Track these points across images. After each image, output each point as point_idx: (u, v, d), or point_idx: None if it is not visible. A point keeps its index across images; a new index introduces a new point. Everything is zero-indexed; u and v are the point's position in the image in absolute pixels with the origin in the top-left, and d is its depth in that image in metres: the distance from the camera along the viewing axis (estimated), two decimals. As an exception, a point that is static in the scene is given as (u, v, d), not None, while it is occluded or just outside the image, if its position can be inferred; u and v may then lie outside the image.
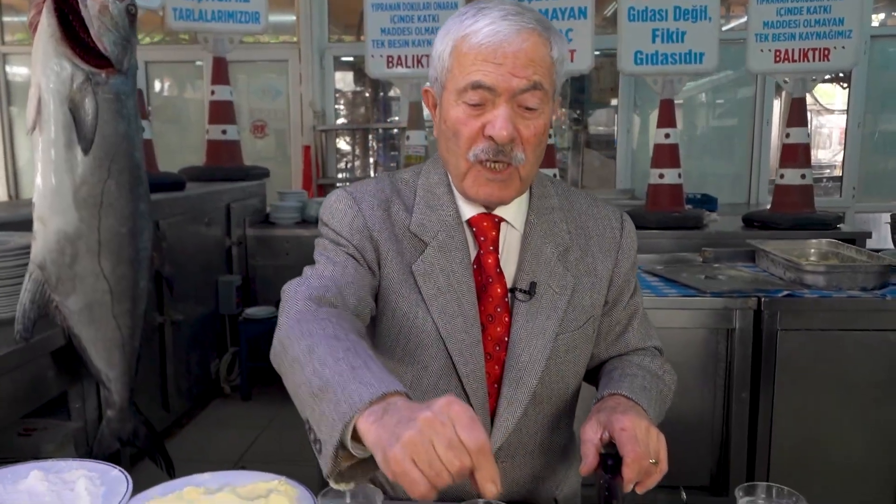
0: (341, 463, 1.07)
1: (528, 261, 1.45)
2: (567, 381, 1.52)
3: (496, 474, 0.95)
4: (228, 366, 4.43)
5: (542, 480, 1.56)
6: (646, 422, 1.32)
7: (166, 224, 3.67)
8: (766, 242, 3.67)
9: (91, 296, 2.34)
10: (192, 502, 1.36)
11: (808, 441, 3.07)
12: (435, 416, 0.95)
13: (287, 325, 1.22)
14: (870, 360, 3.04)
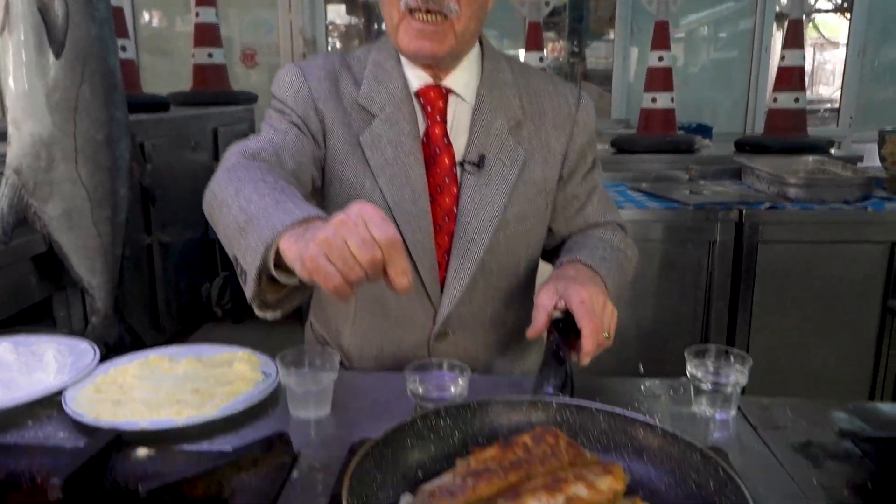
0: (266, 290, 1.09)
1: (478, 133, 1.45)
2: (517, 256, 1.54)
3: (407, 268, 0.97)
4: (220, 290, 4.47)
5: (498, 355, 1.59)
6: (603, 296, 1.34)
7: (151, 145, 3.66)
8: (753, 159, 3.66)
9: (69, 202, 2.35)
10: (157, 369, 1.39)
11: (784, 348, 3.11)
12: (348, 217, 0.96)
13: (218, 176, 1.24)
14: (849, 273, 3.06)
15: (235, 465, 1.09)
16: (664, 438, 0.99)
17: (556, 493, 0.90)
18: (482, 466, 0.96)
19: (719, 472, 0.89)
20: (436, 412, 1.06)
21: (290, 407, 1.30)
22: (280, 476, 1.10)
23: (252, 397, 1.29)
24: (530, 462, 0.97)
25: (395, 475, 0.98)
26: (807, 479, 1.11)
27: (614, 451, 1.03)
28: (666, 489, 0.95)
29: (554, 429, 1.03)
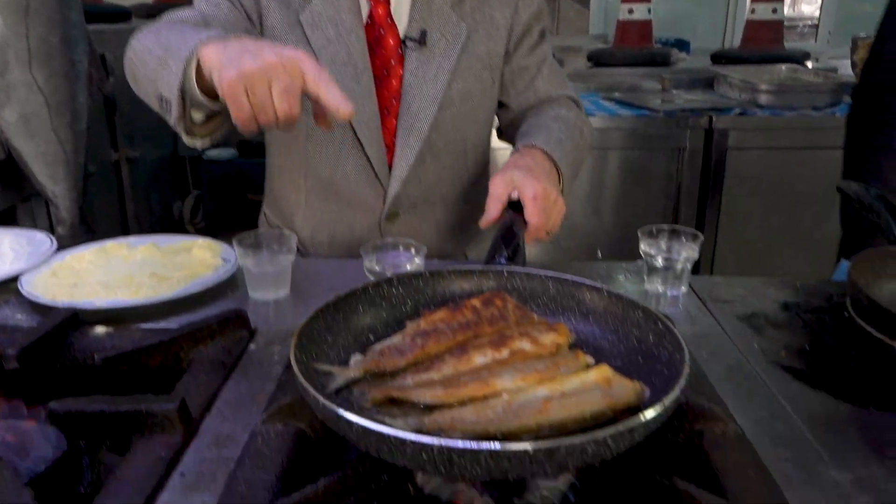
0: (190, 114, 1.11)
1: (419, 9, 1.43)
2: (465, 134, 1.54)
3: (343, 96, 1.00)
4: (192, 209, 4.44)
5: (451, 237, 1.61)
6: (555, 192, 1.34)
7: (113, 57, 3.55)
8: (726, 67, 3.64)
9: (26, 107, 2.30)
10: (114, 256, 1.39)
11: (750, 256, 3.17)
12: (281, 60, 0.96)
13: (138, 35, 1.25)
14: (815, 178, 3.09)
15: (192, 338, 1.11)
16: (609, 300, 1.02)
17: (501, 348, 0.93)
18: (431, 327, 0.98)
19: (658, 325, 0.92)
20: (388, 280, 1.07)
21: (249, 288, 1.31)
22: (237, 348, 1.12)
23: (210, 280, 1.30)
24: (478, 323, 0.99)
25: (345, 337, 1.00)
26: (748, 344, 1.15)
27: (562, 315, 1.06)
28: (609, 346, 0.98)
29: (502, 293, 1.05)
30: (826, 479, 0.83)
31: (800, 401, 0.99)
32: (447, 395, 0.85)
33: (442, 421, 0.80)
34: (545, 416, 0.78)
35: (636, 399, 0.81)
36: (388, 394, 0.87)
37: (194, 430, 0.92)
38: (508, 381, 0.85)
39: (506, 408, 0.80)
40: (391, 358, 0.94)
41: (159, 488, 0.82)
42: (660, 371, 0.88)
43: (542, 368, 0.88)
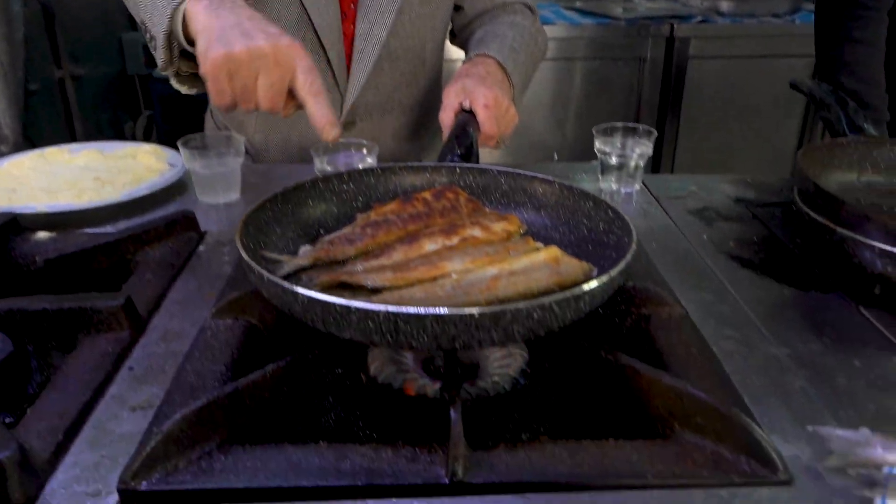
0: (176, 59, 1.05)
1: None
2: (423, 38, 1.49)
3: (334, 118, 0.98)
4: (145, 129, 4.30)
5: (406, 141, 1.59)
6: (507, 100, 1.32)
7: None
8: (688, -26, 3.57)
9: (-44, 16, 2.17)
10: (55, 162, 1.34)
11: (710, 162, 3.19)
12: (274, 53, 0.93)
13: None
14: (775, 86, 3.10)
15: (139, 240, 1.09)
16: (561, 192, 1.01)
17: (452, 236, 0.92)
18: (382, 218, 0.97)
19: (608, 213, 0.92)
20: (338, 175, 1.05)
21: (198, 191, 1.28)
22: (186, 249, 1.10)
23: (157, 184, 1.26)
24: (430, 215, 0.98)
25: (293, 229, 0.98)
26: (698, 236, 1.16)
27: (514, 209, 1.05)
28: (560, 236, 0.98)
29: (454, 186, 1.04)
30: (766, 354, 0.85)
31: (746, 286, 1.01)
32: (397, 279, 0.85)
33: (390, 300, 0.80)
34: (493, 293, 0.79)
35: (584, 277, 0.81)
36: (337, 279, 0.86)
37: (142, 328, 0.91)
38: (458, 264, 0.85)
39: (454, 286, 0.80)
40: (341, 247, 0.93)
41: (107, 382, 0.81)
42: (609, 255, 0.89)
43: (491, 252, 0.87)
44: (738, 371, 0.82)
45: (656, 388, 0.73)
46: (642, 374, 0.74)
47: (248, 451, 0.69)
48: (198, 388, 0.77)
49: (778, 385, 0.80)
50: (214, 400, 0.70)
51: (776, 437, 0.72)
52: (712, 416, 0.69)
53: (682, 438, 0.70)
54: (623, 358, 0.76)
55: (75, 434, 0.73)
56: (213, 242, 1.14)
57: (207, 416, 0.69)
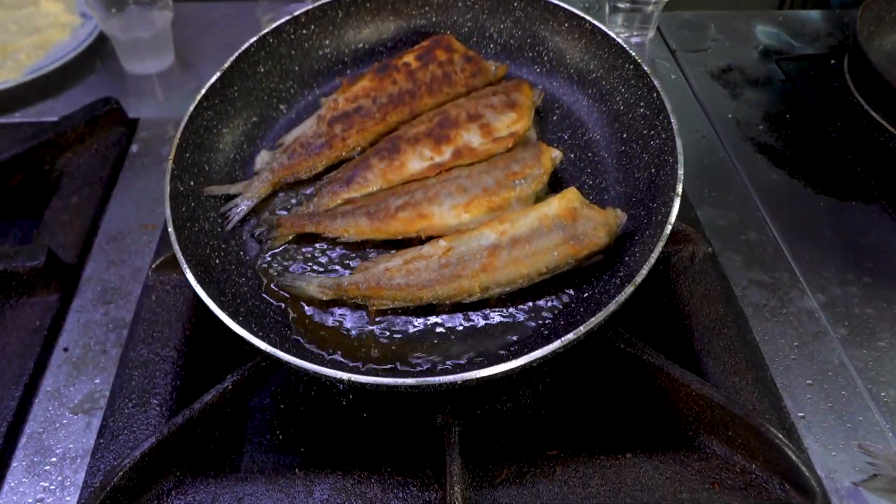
0: None
1: None
2: None
3: None
4: None
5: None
6: None
7: None
8: None
9: None
10: (-64, 17, 1.08)
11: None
12: None
13: None
14: None
15: (56, 145, 0.89)
16: (592, 36, 0.77)
17: (443, 146, 0.73)
18: (352, 106, 0.77)
19: (653, 96, 0.71)
20: (293, 20, 0.81)
21: (123, 61, 1.05)
22: (114, 152, 0.92)
23: (68, 49, 1.02)
24: (415, 93, 0.78)
25: (245, 121, 0.79)
26: (723, 115, 0.99)
27: (529, 51, 0.83)
28: (588, 105, 0.77)
29: (447, 38, 0.81)
30: (799, 309, 0.75)
31: (776, 195, 0.87)
32: (373, 231, 0.70)
33: (365, 284, 0.65)
34: (490, 275, 0.64)
35: (606, 238, 0.65)
36: (302, 228, 0.71)
37: (73, 285, 0.77)
38: (447, 210, 0.69)
39: (443, 264, 0.65)
40: (304, 158, 0.75)
41: (40, 372, 0.69)
42: (644, 162, 0.70)
43: (491, 185, 0.70)
44: (769, 338, 0.72)
45: (683, 393, 0.63)
46: (667, 375, 0.63)
47: (213, 485, 0.60)
48: (146, 392, 0.65)
49: (812, 361, 0.70)
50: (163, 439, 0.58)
51: (809, 439, 0.64)
52: (744, 429, 0.60)
53: (708, 450, 0.62)
54: (646, 352, 0.65)
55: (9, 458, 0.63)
56: (148, 136, 0.95)
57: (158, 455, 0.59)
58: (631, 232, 0.66)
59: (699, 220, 0.83)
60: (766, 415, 0.63)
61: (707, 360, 0.68)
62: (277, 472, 0.61)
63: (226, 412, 0.63)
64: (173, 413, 0.64)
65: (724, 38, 1.14)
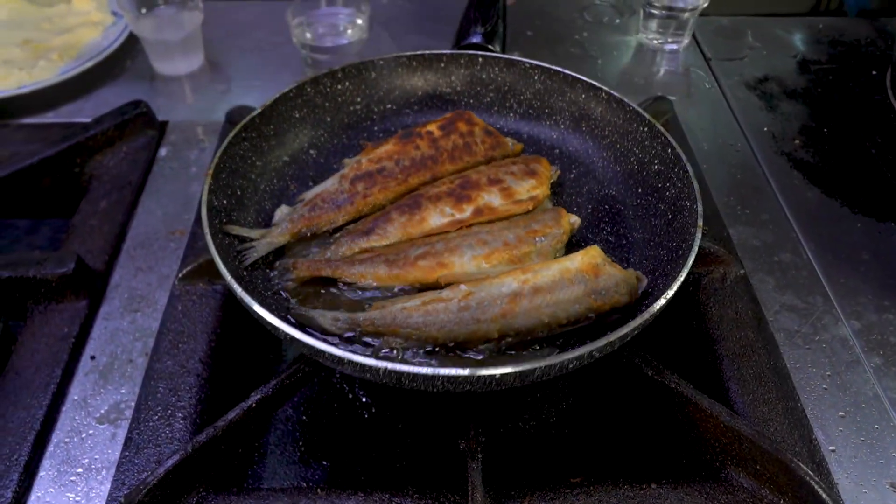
0: None
1: None
2: None
3: None
4: None
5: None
6: None
7: None
8: None
9: None
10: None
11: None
12: None
13: None
14: None
15: (86, 148, 0.90)
16: (608, 104, 0.80)
17: (464, 204, 0.73)
18: (376, 166, 0.77)
19: (668, 152, 0.73)
20: (330, 74, 0.84)
21: (152, 61, 1.05)
22: (143, 156, 0.92)
23: (100, 48, 1.03)
24: (437, 159, 0.79)
25: (277, 158, 0.80)
26: (758, 129, 0.97)
27: (547, 119, 0.85)
28: (603, 166, 0.80)
29: (468, 113, 0.83)
30: (832, 336, 0.73)
31: (811, 215, 0.85)
32: (392, 278, 0.68)
33: (381, 321, 0.64)
34: (509, 321, 0.62)
35: (627, 297, 0.64)
36: (318, 272, 0.69)
37: (100, 292, 0.77)
38: (468, 260, 0.68)
39: (462, 307, 0.63)
40: (325, 212, 0.74)
41: (68, 379, 0.70)
42: (660, 211, 0.72)
43: (512, 241, 0.69)
44: (800, 366, 0.70)
45: (711, 424, 0.62)
46: (695, 405, 0.62)
47: (235, 502, 0.60)
48: (171, 405, 0.65)
49: (844, 391, 0.68)
50: (187, 457, 0.59)
51: (840, 474, 0.63)
52: (773, 464, 0.59)
53: (735, 482, 0.61)
54: (673, 380, 0.63)
55: (37, 467, 0.64)
56: (177, 141, 0.95)
57: (182, 471, 0.59)
58: (653, 268, 0.67)
59: (731, 240, 0.81)
60: (795, 448, 0.62)
61: (735, 388, 0.66)
62: (299, 491, 0.61)
63: (249, 429, 0.63)
64: (197, 427, 0.64)
65: (762, 47, 1.11)
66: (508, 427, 0.69)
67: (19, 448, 0.64)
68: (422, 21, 1.15)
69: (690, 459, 0.64)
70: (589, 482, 0.61)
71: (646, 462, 0.66)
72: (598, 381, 0.71)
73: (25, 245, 0.94)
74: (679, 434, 0.64)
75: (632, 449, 0.67)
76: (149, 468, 0.61)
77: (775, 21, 1.16)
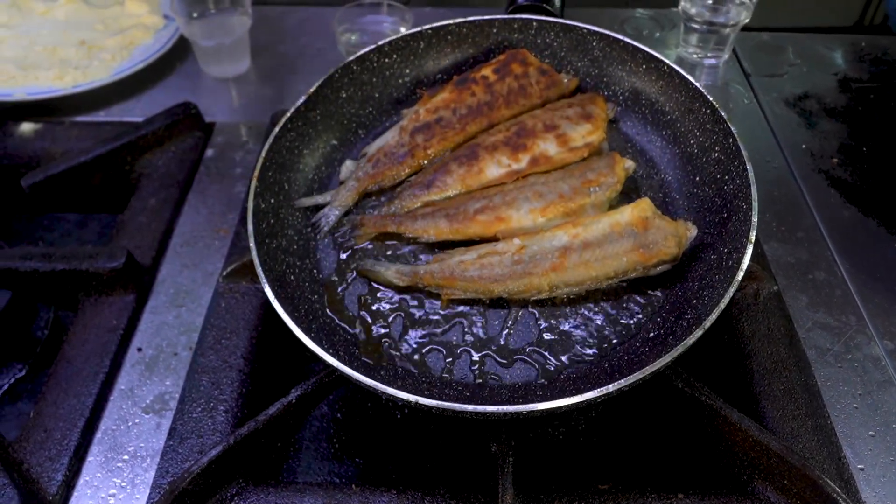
0: None
1: None
2: None
3: None
4: None
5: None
6: None
7: None
8: None
9: None
10: (29, 13, 1.13)
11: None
12: None
13: None
14: None
15: (137, 147, 0.93)
16: (670, 78, 0.78)
17: (520, 153, 0.76)
18: (433, 116, 0.79)
19: (729, 141, 0.71)
20: (377, 49, 0.84)
21: (201, 64, 1.08)
22: (191, 156, 0.95)
23: (151, 51, 1.06)
24: (493, 105, 0.80)
25: (325, 143, 0.81)
26: (796, 146, 0.97)
27: (604, 90, 0.84)
28: (661, 146, 0.78)
29: (522, 51, 0.83)
30: (864, 356, 0.73)
31: (846, 234, 0.85)
32: (452, 232, 0.73)
33: (440, 274, 0.69)
34: (559, 275, 0.67)
35: (675, 249, 0.66)
36: (384, 228, 0.74)
37: (147, 286, 0.80)
38: (525, 214, 0.72)
39: (515, 261, 0.67)
40: (388, 167, 0.78)
41: (115, 370, 0.73)
42: (716, 206, 0.70)
43: (567, 192, 0.72)
44: (831, 384, 0.70)
45: (739, 438, 0.62)
46: (725, 419, 0.63)
47: (273, 494, 0.62)
48: (213, 398, 0.68)
49: (875, 411, 0.69)
50: (230, 448, 0.61)
51: (868, 493, 0.63)
52: (801, 480, 0.60)
53: (762, 496, 0.62)
54: (704, 393, 0.64)
55: (85, 452, 0.67)
56: (222, 143, 0.98)
57: (224, 462, 0.61)
58: (700, 274, 0.67)
59: (766, 256, 0.82)
60: (823, 465, 0.63)
61: (765, 403, 0.67)
62: (335, 486, 0.63)
63: (288, 424, 0.66)
64: (238, 420, 0.67)
65: (802, 63, 1.11)
66: (538, 433, 0.70)
67: (70, 433, 0.67)
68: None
69: (718, 472, 0.65)
70: (617, 489, 0.62)
71: (673, 472, 0.67)
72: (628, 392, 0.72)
73: (75, 239, 0.97)
74: (707, 446, 0.65)
75: (660, 459, 0.68)
76: (192, 458, 0.64)
77: (817, 38, 1.16)
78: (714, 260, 0.66)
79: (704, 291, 0.64)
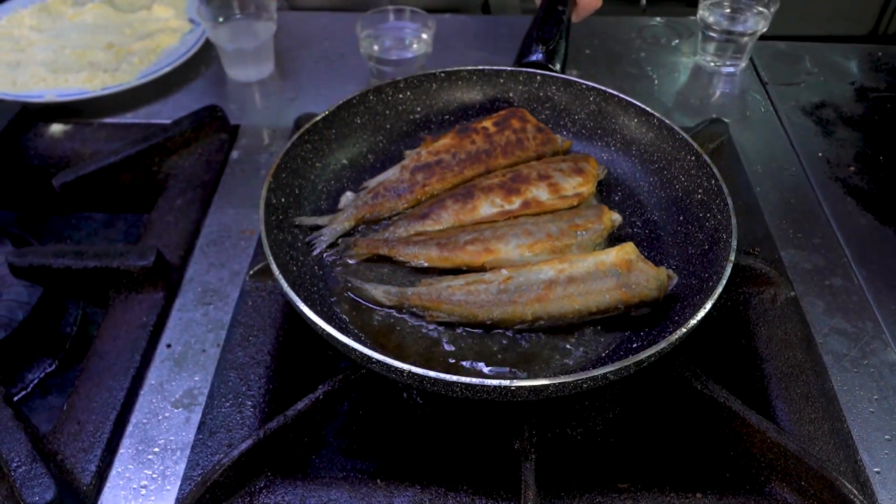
0: None
1: None
2: None
3: None
4: None
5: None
6: None
7: None
8: None
9: None
10: (59, 17, 1.16)
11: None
12: None
13: None
14: None
15: (165, 148, 0.95)
16: (659, 130, 0.83)
17: (513, 196, 0.79)
18: (434, 158, 0.83)
19: (711, 183, 0.75)
20: (393, 84, 0.88)
21: (226, 67, 1.10)
22: (217, 158, 0.97)
23: (177, 54, 1.09)
24: (490, 153, 0.84)
25: (336, 161, 0.85)
26: (812, 154, 0.98)
27: (599, 140, 0.88)
28: (648, 189, 0.83)
29: (521, 110, 0.87)
30: (881, 362, 0.74)
31: (863, 241, 0.86)
32: (442, 259, 0.75)
33: (427, 296, 0.71)
34: (543, 306, 0.68)
35: (656, 292, 0.68)
36: (376, 250, 0.77)
37: (176, 285, 0.82)
38: (513, 248, 0.74)
39: (501, 289, 0.69)
40: (386, 201, 0.81)
41: (145, 365, 0.75)
42: (698, 241, 0.74)
43: (555, 233, 0.75)
44: (847, 388, 0.71)
45: (757, 439, 0.64)
46: (743, 420, 0.64)
47: (300, 487, 0.64)
48: (241, 394, 0.70)
49: (891, 415, 0.70)
50: (259, 442, 0.63)
51: (884, 495, 0.64)
52: (818, 481, 0.61)
53: (778, 497, 0.63)
54: (722, 395, 0.66)
55: (117, 444, 0.68)
56: (247, 145, 1.00)
57: (254, 455, 0.63)
58: (681, 297, 0.69)
59: (782, 262, 0.83)
60: (840, 467, 0.64)
61: (782, 406, 0.68)
62: (360, 480, 0.64)
63: (315, 419, 0.67)
64: (265, 415, 0.68)
65: (819, 72, 1.12)
66: (558, 433, 0.71)
67: (102, 426, 0.69)
68: (485, 38, 1.18)
69: (735, 473, 0.66)
70: (636, 488, 0.63)
71: (691, 473, 0.68)
72: (646, 392, 0.73)
73: (102, 238, 0.99)
74: (724, 447, 0.67)
75: (678, 459, 0.69)
76: (221, 451, 0.65)
77: (833, 47, 1.17)
78: (696, 284, 0.69)
79: (686, 310, 0.66)
